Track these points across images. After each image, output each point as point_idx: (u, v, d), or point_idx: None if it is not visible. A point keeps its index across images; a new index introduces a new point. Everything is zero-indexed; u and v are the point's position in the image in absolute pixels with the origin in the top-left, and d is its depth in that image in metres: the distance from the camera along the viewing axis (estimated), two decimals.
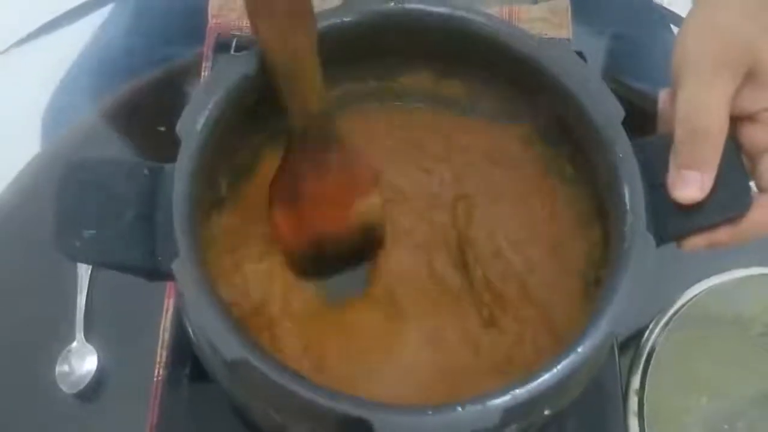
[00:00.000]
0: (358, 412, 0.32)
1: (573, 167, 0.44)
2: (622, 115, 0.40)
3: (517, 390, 0.33)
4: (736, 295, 0.52)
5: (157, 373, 0.49)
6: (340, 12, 0.42)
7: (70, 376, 0.50)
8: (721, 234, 0.40)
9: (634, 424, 0.47)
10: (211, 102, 0.39)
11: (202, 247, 0.40)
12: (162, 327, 0.50)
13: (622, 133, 0.39)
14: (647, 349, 0.49)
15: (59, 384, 0.50)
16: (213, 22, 0.57)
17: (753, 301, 0.52)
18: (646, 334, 0.50)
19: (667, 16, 0.69)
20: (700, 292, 0.51)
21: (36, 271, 0.53)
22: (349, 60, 0.44)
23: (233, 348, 0.33)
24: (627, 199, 0.38)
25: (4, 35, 0.62)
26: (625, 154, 0.39)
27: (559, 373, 0.33)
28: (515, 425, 0.35)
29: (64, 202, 0.36)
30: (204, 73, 0.56)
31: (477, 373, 0.41)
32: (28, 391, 0.50)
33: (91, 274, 0.53)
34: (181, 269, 0.34)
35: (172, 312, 0.50)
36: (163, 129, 0.55)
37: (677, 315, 0.50)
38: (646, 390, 0.48)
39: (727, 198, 0.39)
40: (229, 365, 0.35)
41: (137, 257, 0.36)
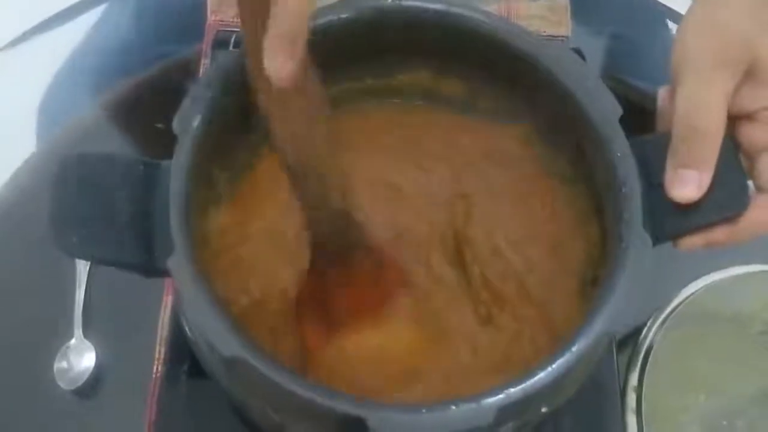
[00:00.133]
0: (353, 410, 0.32)
1: (571, 166, 0.44)
2: (620, 113, 0.40)
3: (512, 389, 0.33)
4: (735, 292, 0.52)
5: (155, 369, 0.49)
6: (337, 9, 0.42)
7: (69, 373, 0.50)
8: (719, 233, 0.39)
9: (632, 421, 0.47)
10: (209, 99, 0.39)
11: (200, 244, 0.40)
12: (160, 324, 0.50)
13: (619, 131, 0.39)
14: (645, 347, 0.49)
15: (57, 381, 0.50)
16: (212, 18, 0.57)
17: (753, 299, 0.52)
18: (644, 331, 0.50)
19: (665, 14, 0.68)
20: (697, 290, 0.51)
21: (34, 269, 0.53)
22: (347, 57, 0.44)
23: (230, 345, 0.33)
24: (624, 198, 0.38)
25: (0, 34, 0.62)
26: (623, 153, 0.39)
27: (554, 372, 0.33)
28: (511, 423, 0.35)
29: (60, 199, 0.36)
30: (202, 70, 0.56)
31: (475, 372, 0.41)
32: (26, 387, 0.50)
33: (89, 271, 0.53)
34: (177, 266, 0.34)
35: (170, 309, 0.50)
36: (161, 126, 0.55)
37: (675, 313, 0.50)
38: (644, 387, 0.48)
39: (724, 197, 0.39)
40: (226, 363, 0.35)
41: (133, 253, 0.36)
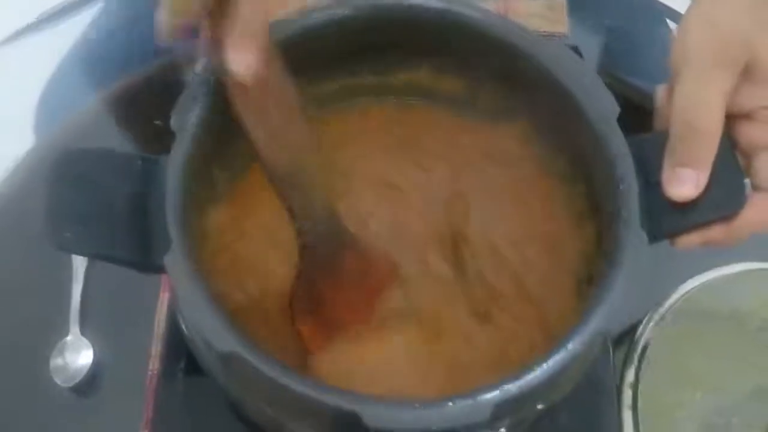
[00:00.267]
0: (347, 405, 0.32)
1: (569, 165, 0.44)
2: (618, 111, 0.40)
3: (508, 385, 0.33)
4: (732, 290, 0.52)
5: (152, 366, 0.49)
6: (337, 5, 0.42)
7: (66, 370, 0.50)
8: (716, 232, 0.39)
9: (628, 417, 0.47)
10: (206, 96, 0.39)
11: (198, 241, 0.40)
12: (157, 321, 0.50)
13: (617, 129, 0.39)
14: (641, 344, 0.49)
15: (54, 378, 0.50)
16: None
17: (750, 296, 0.52)
18: (641, 328, 0.50)
19: (664, 12, 0.68)
20: (694, 287, 0.51)
21: (31, 265, 0.53)
22: (346, 54, 0.44)
23: (226, 341, 0.33)
24: (621, 196, 0.38)
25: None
26: (621, 151, 0.39)
27: (549, 369, 0.33)
28: (507, 420, 0.35)
29: (56, 194, 0.36)
30: (199, 66, 0.56)
31: (472, 369, 0.41)
32: (22, 384, 0.50)
33: (86, 267, 0.53)
34: (173, 262, 0.34)
35: (167, 306, 0.50)
36: (158, 123, 0.55)
37: (671, 310, 0.50)
38: (640, 384, 0.48)
39: (721, 196, 0.38)
40: (222, 359, 0.35)
41: (130, 249, 0.36)
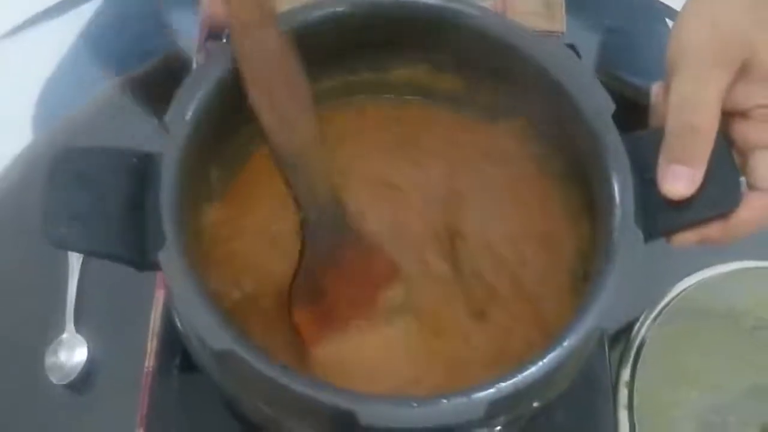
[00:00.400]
0: (343, 403, 0.32)
1: (566, 162, 0.44)
2: (613, 108, 0.39)
3: (503, 383, 0.33)
4: (728, 288, 0.52)
5: (147, 364, 0.49)
6: (335, 2, 0.42)
7: (61, 367, 0.50)
8: (712, 230, 0.39)
9: (623, 416, 0.47)
10: (202, 91, 0.39)
11: (193, 238, 0.40)
12: (152, 318, 0.50)
13: (612, 126, 0.39)
14: (637, 343, 0.49)
15: (49, 375, 0.50)
16: (206, 12, 0.57)
17: (746, 295, 0.52)
18: (636, 327, 0.50)
19: (662, 10, 0.68)
20: (690, 286, 0.51)
21: (27, 262, 0.53)
22: (343, 50, 0.44)
23: (220, 339, 0.33)
24: (616, 193, 0.38)
25: None
26: (615, 148, 0.39)
27: (544, 367, 0.33)
28: (502, 417, 0.35)
29: (52, 191, 0.36)
30: (196, 64, 0.56)
31: (470, 367, 0.41)
32: (17, 382, 0.50)
33: (82, 264, 0.53)
34: (167, 259, 0.34)
35: (162, 303, 0.50)
36: (156, 120, 0.55)
37: (667, 308, 0.50)
38: (635, 383, 0.48)
39: (717, 194, 0.38)
40: (217, 356, 0.35)
41: (125, 246, 0.36)
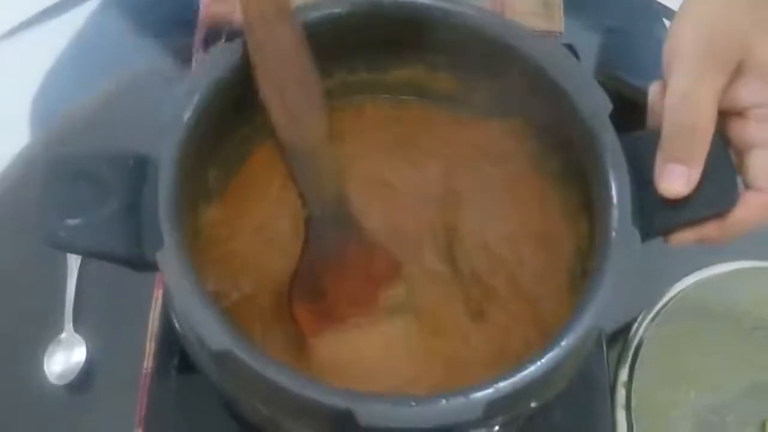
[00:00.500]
0: (341, 402, 0.32)
1: (563, 162, 0.44)
2: (610, 108, 0.40)
3: (501, 383, 0.33)
4: (726, 288, 0.52)
5: (145, 364, 0.49)
6: (334, 3, 0.42)
7: (59, 368, 0.50)
8: (710, 229, 0.39)
9: (621, 416, 0.48)
10: (199, 92, 0.39)
11: (190, 237, 0.40)
12: (151, 319, 0.50)
13: (609, 126, 0.39)
14: (635, 342, 0.49)
15: (48, 375, 0.50)
16: (205, 12, 0.57)
17: (744, 295, 0.52)
18: (635, 327, 0.50)
19: (660, 11, 0.68)
20: (688, 285, 0.51)
21: (25, 263, 0.53)
22: (342, 51, 0.44)
23: (218, 339, 0.33)
24: (613, 193, 0.38)
25: None
26: (613, 148, 0.39)
27: (542, 366, 0.33)
28: (500, 417, 0.35)
29: (50, 192, 0.36)
30: (194, 64, 0.56)
31: (468, 367, 0.41)
32: (16, 382, 0.50)
33: (80, 265, 0.53)
34: (165, 259, 0.34)
35: (160, 304, 0.50)
36: (154, 119, 0.55)
37: (666, 308, 0.50)
38: (633, 383, 0.48)
39: (714, 193, 0.38)
40: (215, 357, 0.35)
41: (122, 246, 0.36)
